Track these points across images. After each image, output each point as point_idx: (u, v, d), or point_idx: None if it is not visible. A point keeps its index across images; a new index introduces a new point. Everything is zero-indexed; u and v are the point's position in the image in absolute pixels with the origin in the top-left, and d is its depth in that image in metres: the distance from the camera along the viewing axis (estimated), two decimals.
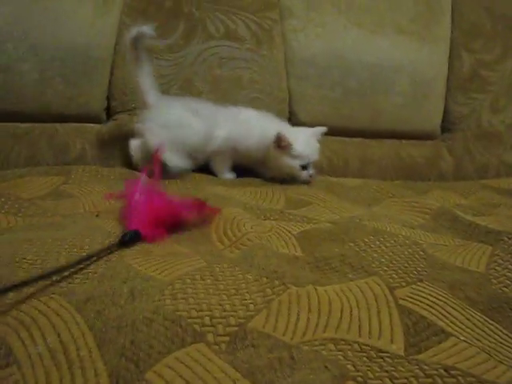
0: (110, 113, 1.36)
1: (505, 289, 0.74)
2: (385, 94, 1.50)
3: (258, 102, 1.38)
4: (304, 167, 1.17)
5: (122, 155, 1.30)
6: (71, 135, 1.30)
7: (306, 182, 1.21)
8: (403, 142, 1.54)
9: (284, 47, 1.44)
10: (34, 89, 1.27)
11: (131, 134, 1.30)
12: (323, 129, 1.22)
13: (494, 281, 0.76)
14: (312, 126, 1.39)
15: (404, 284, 0.72)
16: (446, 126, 1.60)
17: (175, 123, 1.18)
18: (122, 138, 1.31)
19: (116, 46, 1.33)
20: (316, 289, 0.67)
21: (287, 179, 1.21)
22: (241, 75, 1.38)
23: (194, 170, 1.22)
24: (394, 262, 0.78)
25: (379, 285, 0.71)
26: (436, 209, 1.06)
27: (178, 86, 1.33)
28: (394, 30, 1.51)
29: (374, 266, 0.76)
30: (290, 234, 0.88)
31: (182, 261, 0.75)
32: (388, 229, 0.94)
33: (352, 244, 0.85)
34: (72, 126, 1.32)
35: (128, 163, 1.28)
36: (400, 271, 0.76)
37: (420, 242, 0.88)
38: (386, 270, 0.75)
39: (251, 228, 0.87)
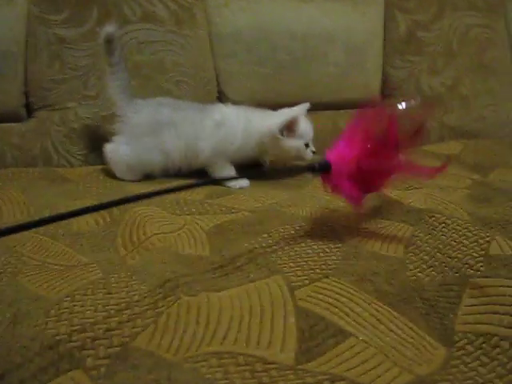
0: (29, 109, 1.29)
1: (419, 274, 0.72)
2: (318, 65, 1.44)
3: (183, 85, 1.32)
4: (307, 145, 1.15)
5: (43, 154, 1.24)
6: None
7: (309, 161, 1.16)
8: (341, 112, 1.49)
9: (208, 25, 1.38)
10: None
11: (53, 132, 1.25)
12: (306, 105, 1.18)
13: (410, 266, 0.74)
14: (241, 103, 1.34)
15: (307, 282, 0.69)
16: (386, 92, 1.55)
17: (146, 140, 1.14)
18: (42, 137, 1.26)
19: (28, 38, 1.26)
20: (208, 297, 0.64)
21: (290, 164, 1.20)
22: (162, 58, 1.31)
23: None
24: (304, 255, 0.75)
25: (280, 285, 0.68)
26: None
27: (96, 76, 1.26)
28: None
29: (279, 262, 0.73)
30: (201, 231, 0.85)
31: (77, 273, 0.71)
32: (305, 214, 0.91)
33: (266, 235, 0.82)
34: None
35: (49, 162, 1.24)
36: (306, 267, 0.72)
37: (337, 228, 0.85)
38: (291, 267, 0.72)
39: (158, 229, 0.84)
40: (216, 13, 1.37)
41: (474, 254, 0.74)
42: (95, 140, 1.26)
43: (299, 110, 1.16)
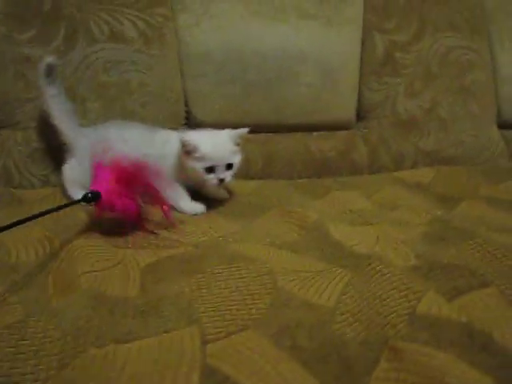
0: None
1: (345, 329, 0.69)
2: (290, 85, 1.41)
3: (149, 106, 1.30)
4: (210, 170, 1.06)
5: (5, 174, 1.23)
6: None
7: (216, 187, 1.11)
8: (314, 134, 1.46)
9: (178, 45, 1.36)
10: None
11: (16, 152, 1.25)
12: (243, 130, 1.11)
13: (339, 317, 0.71)
14: (210, 124, 1.33)
15: (223, 335, 0.67)
16: (362, 114, 1.52)
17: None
18: (4, 156, 1.25)
19: None
20: (115, 350, 0.63)
21: (200, 187, 1.14)
22: (129, 79, 1.29)
23: None
24: (231, 301, 0.73)
25: (193, 338, 0.66)
26: (312, 222, 1.00)
27: None
28: (297, 15, 1.41)
29: (202, 310, 0.71)
30: (136, 268, 0.83)
31: None
32: (250, 252, 0.88)
33: (200, 275, 0.80)
34: None
35: (11, 182, 1.24)
36: (228, 316, 0.70)
37: (276, 269, 0.82)
38: (212, 316, 0.70)
39: (91, 266, 0.82)
40: (187, 33, 1.35)
41: (400, 311, 0.72)
42: (57, 160, 1.25)
43: (226, 134, 1.10)
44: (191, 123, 1.38)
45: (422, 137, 1.51)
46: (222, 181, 1.07)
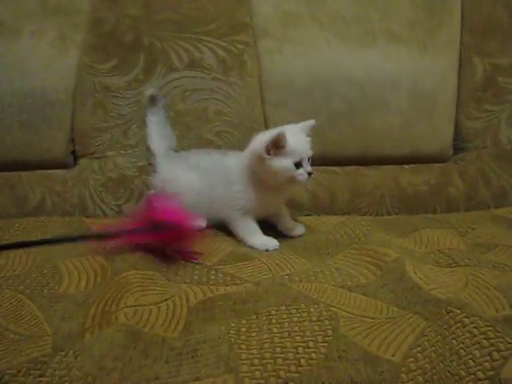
0: (76, 157, 1.28)
1: None
2: (378, 114, 1.30)
3: (225, 135, 1.24)
4: (298, 165, 0.97)
5: (80, 203, 1.22)
6: (33, 183, 1.24)
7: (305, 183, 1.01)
8: (405, 167, 1.33)
9: (258, 72, 1.30)
10: None
11: (92, 181, 1.23)
12: (311, 122, 1.04)
13: (405, 377, 0.59)
14: None
15: None
16: (459, 145, 1.37)
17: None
18: (81, 185, 1.24)
19: (77, 86, 1.26)
20: None
21: (287, 187, 1.05)
22: (205, 107, 1.25)
23: None
24: (279, 349, 0.63)
25: None
26: (391, 262, 0.87)
27: (137, 125, 1.23)
28: (386, 39, 1.31)
29: (244, 357, 0.62)
30: (185, 305, 0.75)
31: (25, 347, 0.65)
32: (316, 293, 0.78)
33: (254, 317, 0.71)
34: (36, 174, 1.25)
35: (86, 211, 1.22)
36: (270, 367, 0.60)
37: (341, 314, 0.71)
38: (253, 365, 0.60)
39: (135, 301, 0.75)
40: (268, 59, 1.29)
41: (479, 374, 0.58)
42: (130, 190, 1.22)
43: (299, 127, 1.02)
44: None
45: None
46: (310, 174, 0.98)
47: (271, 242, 1.01)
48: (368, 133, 1.31)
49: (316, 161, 1.12)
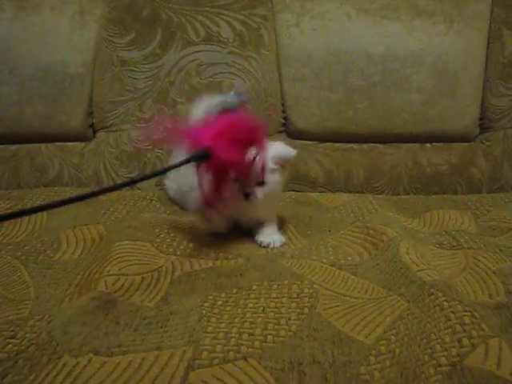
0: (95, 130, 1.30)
1: (374, 374, 0.54)
2: (399, 91, 1.24)
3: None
4: None
5: (95, 175, 1.24)
6: (52, 155, 1.27)
7: None
8: (427, 145, 1.27)
9: (276, 46, 1.27)
10: (14, 110, 1.26)
11: (107, 154, 1.25)
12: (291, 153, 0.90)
13: (372, 359, 0.56)
14: (309, 132, 1.25)
15: (216, 362, 0.55)
16: (485, 124, 1.30)
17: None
18: (97, 158, 1.25)
19: (95, 60, 1.27)
20: (90, 361, 0.55)
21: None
22: (221, 81, 1.24)
23: None
24: (248, 325, 0.62)
25: (181, 360, 0.55)
26: (386, 241, 0.84)
27: (152, 98, 1.23)
28: (410, 12, 1.25)
29: (210, 330, 0.61)
30: (168, 276, 0.75)
31: (9, 308, 0.67)
32: (303, 270, 0.76)
33: (235, 291, 0.71)
34: (56, 146, 1.28)
35: (100, 183, 1.23)
36: (233, 342, 0.59)
37: (323, 292, 0.70)
38: (216, 339, 0.59)
39: (119, 270, 0.74)
40: (286, 33, 1.26)
41: (442, 360, 0.54)
42: (143, 163, 1.23)
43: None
44: (288, 130, 1.28)
45: None
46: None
47: (278, 237, 0.91)
48: (387, 110, 1.26)
49: (332, 136, 1.11)
